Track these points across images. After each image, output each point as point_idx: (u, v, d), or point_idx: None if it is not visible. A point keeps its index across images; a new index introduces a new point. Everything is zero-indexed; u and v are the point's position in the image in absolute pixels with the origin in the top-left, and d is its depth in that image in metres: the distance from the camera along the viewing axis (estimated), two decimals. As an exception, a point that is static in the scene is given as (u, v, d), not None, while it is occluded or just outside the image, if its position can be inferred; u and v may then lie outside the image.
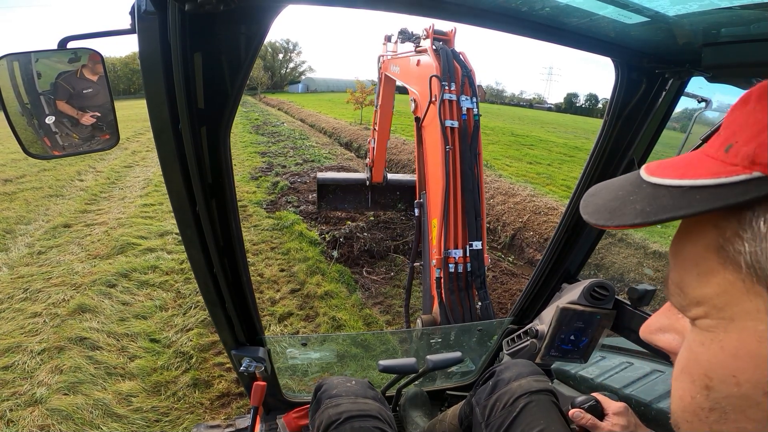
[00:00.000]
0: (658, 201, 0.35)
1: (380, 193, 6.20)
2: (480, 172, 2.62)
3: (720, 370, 0.35)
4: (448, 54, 2.70)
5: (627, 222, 0.36)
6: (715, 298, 0.35)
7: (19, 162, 10.73)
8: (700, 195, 0.33)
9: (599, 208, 0.41)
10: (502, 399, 1.34)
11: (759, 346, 0.31)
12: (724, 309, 0.34)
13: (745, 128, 0.33)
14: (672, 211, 0.34)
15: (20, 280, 4.82)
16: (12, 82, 0.77)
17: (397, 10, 0.93)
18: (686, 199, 0.33)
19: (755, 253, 0.31)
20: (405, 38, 3.57)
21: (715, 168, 0.33)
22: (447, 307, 2.46)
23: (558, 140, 21.36)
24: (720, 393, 0.35)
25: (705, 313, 0.36)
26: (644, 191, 0.38)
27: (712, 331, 0.35)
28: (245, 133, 17.58)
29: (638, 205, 0.37)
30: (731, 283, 0.33)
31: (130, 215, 7.07)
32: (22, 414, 2.93)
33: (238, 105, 0.94)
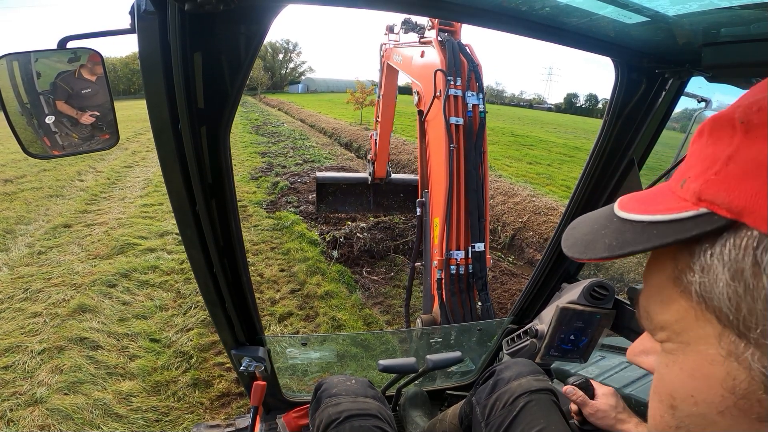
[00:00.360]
0: (624, 236, 0.38)
1: (383, 195, 5.92)
2: (485, 172, 2.55)
3: (681, 390, 0.37)
4: (454, 47, 2.56)
5: (597, 255, 0.39)
6: (674, 324, 0.37)
7: (19, 162, 10.73)
8: (657, 230, 0.35)
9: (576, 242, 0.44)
10: (502, 398, 1.34)
11: (711, 369, 0.34)
12: (682, 334, 0.37)
13: (697, 163, 0.35)
14: (633, 246, 0.36)
15: (20, 280, 4.82)
16: (12, 81, 0.77)
17: (397, 9, 0.93)
18: (645, 234, 0.36)
19: (704, 283, 0.33)
20: (409, 28, 3.43)
21: (671, 203, 0.36)
22: (447, 308, 2.43)
23: (558, 140, 21.35)
24: (683, 412, 0.37)
25: (668, 337, 0.39)
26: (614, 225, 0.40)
27: (674, 354, 0.38)
28: (245, 134, 17.57)
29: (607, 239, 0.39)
30: (686, 310, 0.36)
31: (131, 215, 7.07)
32: (22, 414, 2.93)
33: (238, 105, 0.94)
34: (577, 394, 1.25)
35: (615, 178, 1.46)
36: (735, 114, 0.32)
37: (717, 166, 0.33)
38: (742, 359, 0.31)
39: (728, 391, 0.33)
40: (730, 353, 0.32)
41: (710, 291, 0.33)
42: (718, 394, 0.34)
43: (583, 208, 1.55)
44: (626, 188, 1.45)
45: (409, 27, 3.42)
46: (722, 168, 0.32)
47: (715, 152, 0.33)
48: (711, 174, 0.33)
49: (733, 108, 0.33)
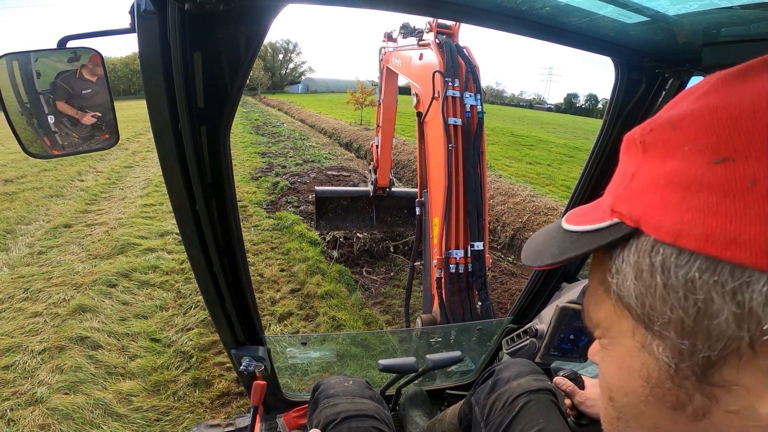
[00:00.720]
0: (564, 244, 0.42)
1: (386, 211, 5.57)
2: (483, 172, 2.57)
3: (614, 382, 0.41)
4: (452, 48, 2.58)
5: (545, 262, 0.43)
6: (604, 321, 0.41)
7: (20, 162, 10.73)
8: (586, 239, 0.40)
9: (531, 252, 0.48)
10: (502, 398, 1.34)
11: (631, 360, 0.38)
12: (610, 330, 0.41)
13: (615, 179, 0.40)
14: (569, 253, 0.41)
15: (21, 279, 4.82)
16: (12, 81, 0.77)
17: (397, 9, 0.93)
18: (578, 243, 0.40)
19: (618, 283, 0.37)
20: (407, 33, 3.45)
21: (598, 215, 0.40)
22: (447, 308, 2.43)
23: (558, 140, 21.36)
24: (618, 402, 0.41)
25: (602, 334, 0.43)
26: (559, 236, 0.44)
27: (607, 348, 0.42)
28: (245, 134, 17.57)
29: (552, 249, 0.44)
30: (611, 308, 0.40)
31: (131, 215, 7.07)
32: (22, 413, 2.93)
33: (238, 105, 0.94)
34: (567, 383, 1.29)
35: (615, 178, 1.46)
36: (636, 134, 0.37)
37: (626, 182, 0.37)
38: (651, 350, 0.35)
39: (644, 380, 0.36)
40: (642, 345, 0.36)
41: (622, 289, 0.37)
42: (638, 384, 0.37)
43: (583, 208, 1.54)
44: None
45: (407, 32, 3.43)
46: (629, 183, 0.37)
47: (626, 169, 0.38)
48: (621, 188, 0.37)
49: (637, 128, 0.38)
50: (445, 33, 2.77)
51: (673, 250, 0.32)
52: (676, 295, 0.32)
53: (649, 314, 0.34)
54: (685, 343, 0.32)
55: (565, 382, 1.29)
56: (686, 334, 0.32)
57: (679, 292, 0.32)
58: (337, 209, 5.47)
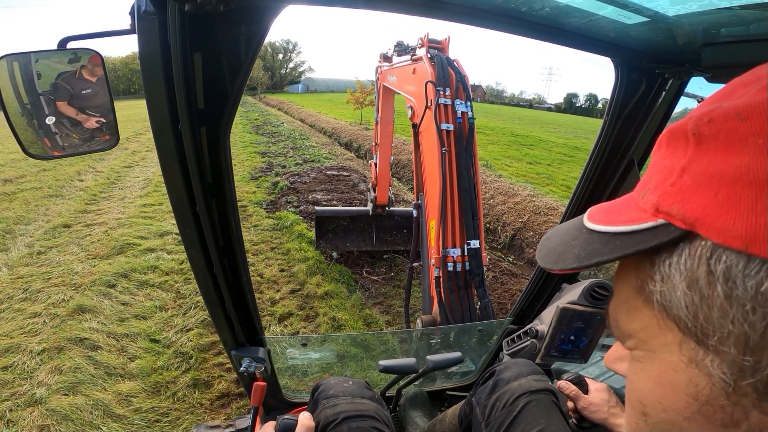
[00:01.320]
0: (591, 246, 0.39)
1: (386, 231, 5.70)
2: (476, 173, 2.69)
3: (650, 397, 0.38)
4: (443, 61, 2.79)
5: (568, 266, 0.40)
6: (640, 332, 0.38)
7: (19, 162, 10.73)
8: (620, 241, 0.36)
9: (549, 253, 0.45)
10: (502, 398, 1.34)
11: (675, 376, 0.35)
12: (648, 342, 0.38)
13: (655, 175, 0.37)
14: (599, 257, 0.37)
15: (20, 280, 4.81)
16: (12, 82, 0.77)
17: (397, 10, 0.93)
18: (610, 245, 0.37)
19: (663, 292, 0.34)
20: (401, 51, 3.68)
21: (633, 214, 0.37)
22: (446, 307, 2.48)
23: (558, 140, 21.38)
24: (653, 418, 0.38)
25: (635, 345, 0.40)
26: (583, 236, 0.41)
27: (642, 361, 0.39)
28: (245, 133, 17.57)
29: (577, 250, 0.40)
30: (649, 318, 0.36)
31: (130, 215, 7.07)
32: (21, 414, 2.93)
33: (238, 105, 0.94)
34: (570, 388, 1.28)
35: (615, 179, 1.46)
36: (687, 125, 0.33)
37: (672, 178, 0.34)
38: (702, 366, 0.32)
39: (692, 397, 0.34)
40: (691, 360, 0.33)
41: (669, 300, 0.34)
42: (683, 400, 0.34)
43: (582, 209, 1.54)
44: (626, 188, 1.45)
45: (401, 50, 3.68)
46: (677, 180, 0.33)
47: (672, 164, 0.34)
48: (667, 185, 0.34)
49: (686, 119, 0.34)
50: (435, 47, 3.01)
51: (741, 257, 0.28)
52: (741, 308, 0.29)
53: (703, 327, 0.31)
54: (748, 359, 0.29)
55: (569, 386, 1.29)
56: (750, 350, 0.29)
57: (747, 305, 0.28)
58: (336, 229, 5.54)
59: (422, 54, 2.97)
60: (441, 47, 3.06)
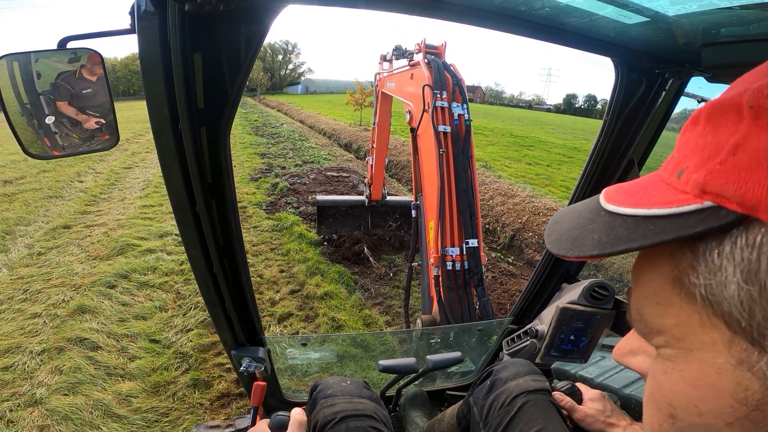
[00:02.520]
0: (614, 231, 0.35)
1: (380, 216, 6.36)
2: (473, 174, 2.74)
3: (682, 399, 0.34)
4: (439, 65, 2.88)
5: (586, 253, 0.36)
6: (674, 329, 0.34)
7: (19, 163, 10.73)
8: (654, 226, 0.32)
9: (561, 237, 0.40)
10: (500, 398, 1.33)
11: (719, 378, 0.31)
12: (683, 339, 0.33)
13: (696, 152, 0.32)
14: (627, 243, 0.33)
15: (20, 281, 4.82)
16: (12, 82, 0.77)
17: (397, 10, 0.93)
18: (640, 230, 0.32)
19: (710, 286, 0.30)
20: (399, 55, 3.78)
21: (668, 196, 0.32)
22: (446, 306, 2.51)
23: (557, 141, 21.38)
24: (684, 422, 0.34)
25: (665, 342, 0.35)
26: (602, 219, 0.37)
27: (673, 360, 0.35)
28: (245, 135, 17.58)
29: (596, 235, 0.36)
30: (688, 314, 0.32)
31: (130, 216, 7.07)
32: (21, 414, 2.93)
33: (238, 105, 0.94)
34: (565, 400, 1.27)
35: (615, 179, 1.46)
36: (742, 99, 0.29)
37: (721, 156, 0.29)
38: (757, 369, 0.29)
39: (739, 402, 0.30)
40: (741, 362, 0.29)
41: (718, 294, 0.29)
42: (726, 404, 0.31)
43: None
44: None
45: (399, 54, 3.79)
46: (728, 157, 0.29)
47: (717, 140, 0.30)
48: (715, 164, 0.29)
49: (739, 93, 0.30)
50: (432, 53, 3.10)
51: None
52: None
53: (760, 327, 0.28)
54: None
55: (564, 398, 1.28)
56: None
57: None
58: (336, 216, 6.25)
59: (419, 59, 3.05)
60: (438, 52, 3.15)
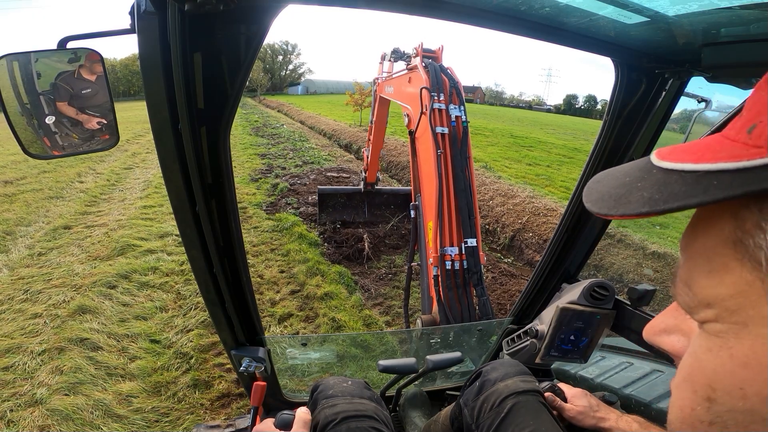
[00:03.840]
0: (669, 188, 0.31)
1: (376, 206, 6.88)
2: (471, 174, 2.78)
3: (726, 380, 0.31)
4: (436, 69, 2.94)
5: (632, 211, 0.32)
6: (728, 300, 0.31)
7: (20, 164, 10.74)
8: (718, 180, 0.28)
9: (603, 196, 0.36)
10: (489, 400, 1.32)
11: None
12: (738, 312, 0.30)
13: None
14: (684, 199, 0.29)
15: (21, 281, 4.82)
16: (12, 81, 0.77)
17: (397, 10, 0.93)
18: (701, 186, 0.29)
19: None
20: (397, 57, 3.91)
21: (736, 151, 0.29)
22: (446, 305, 2.53)
23: (557, 141, 21.37)
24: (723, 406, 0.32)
25: (715, 316, 0.32)
26: (654, 177, 0.33)
27: (722, 336, 0.32)
28: (245, 135, 17.59)
29: (646, 193, 0.32)
30: (748, 283, 0.29)
31: (130, 217, 7.08)
32: (22, 414, 2.93)
33: (238, 105, 0.94)
34: (555, 399, 1.29)
35: (615, 179, 1.46)
36: None
37: None
38: None
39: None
40: None
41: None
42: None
43: (583, 209, 1.54)
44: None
45: (397, 56, 3.93)
46: None
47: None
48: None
49: None
50: (430, 56, 3.22)
51: None
52: None
53: None
54: None
55: (555, 399, 1.30)
56: None
57: None
58: (336, 205, 6.76)
59: (417, 63, 3.11)
60: (435, 56, 3.25)
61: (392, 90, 4.02)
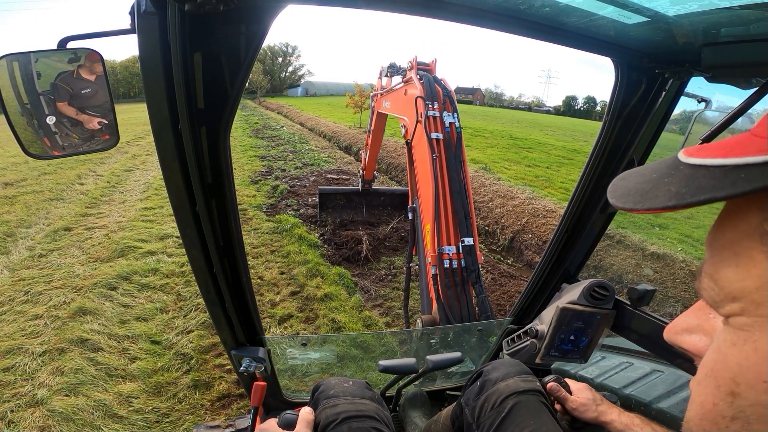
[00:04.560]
0: (697, 182, 0.32)
1: (374, 207, 7.17)
2: (466, 177, 2.89)
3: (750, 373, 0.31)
4: (430, 80, 3.13)
5: (659, 204, 0.33)
6: (754, 293, 0.31)
7: (20, 166, 10.74)
8: (746, 173, 0.29)
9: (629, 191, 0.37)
10: (490, 399, 1.33)
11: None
12: (764, 305, 0.30)
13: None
14: (711, 192, 0.30)
15: (21, 282, 4.82)
16: (12, 82, 0.77)
17: (397, 10, 0.93)
18: (729, 179, 0.29)
19: None
20: (393, 72, 4.12)
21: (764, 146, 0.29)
22: (445, 304, 2.57)
23: (556, 143, 21.37)
24: (746, 400, 0.32)
25: (741, 310, 0.33)
26: (681, 173, 0.34)
27: (747, 330, 0.32)
28: (245, 137, 17.59)
29: (673, 187, 0.33)
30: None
31: (131, 219, 7.08)
32: (23, 415, 2.93)
33: (238, 105, 0.94)
34: (561, 390, 1.29)
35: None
36: None
37: None
38: None
39: None
40: None
41: None
42: None
43: (583, 209, 1.55)
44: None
45: (393, 71, 4.15)
46: None
47: None
48: None
49: None
50: (424, 69, 3.47)
51: None
52: None
53: None
54: None
55: (560, 389, 1.31)
56: None
57: None
58: (336, 206, 7.04)
59: (412, 75, 3.30)
60: (429, 68, 3.48)
61: (389, 105, 4.22)
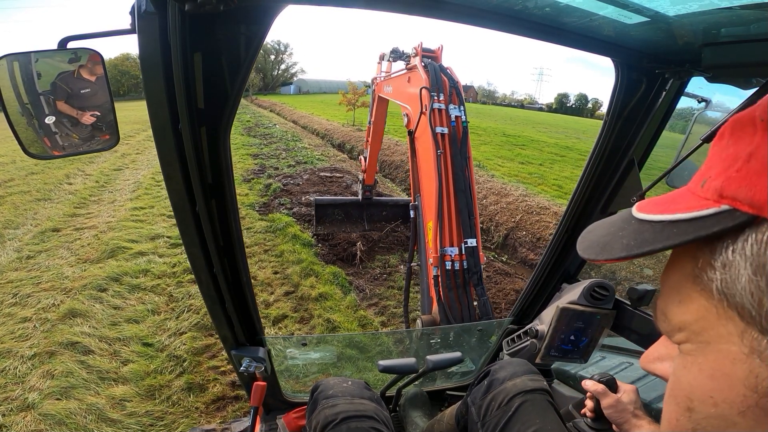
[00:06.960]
0: (642, 235, 0.38)
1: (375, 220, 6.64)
2: (471, 174, 2.76)
3: (699, 391, 0.37)
4: (436, 69, 2.90)
5: (614, 255, 0.39)
6: (693, 324, 0.37)
7: (6, 166, 10.58)
8: (677, 229, 0.35)
9: (592, 244, 0.44)
10: (497, 398, 1.34)
11: (732, 367, 0.33)
12: (702, 333, 0.36)
13: (717, 163, 0.36)
14: (652, 245, 0.36)
15: (9, 285, 4.75)
16: (12, 82, 0.76)
17: (397, 10, 0.93)
18: (665, 233, 0.36)
19: (725, 280, 0.33)
20: (396, 57, 3.84)
21: (692, 202, 0.36)
22: (446, 305, 2.52)
23: (549, 140, 21.50)
24: (700, 414, 0.37)
25: (686, 338, 0.38)
26: (632, 227, 0.40)
27: (693, 354, 0.38)
28: (237, 135, 17.47)
29: (625, 240, 0.39)
30: (706, 309, 0.35)
31: (121, 219, 6.99)
32: (14, 419, 2.89)
33: (238, 105, 0.93)
34: (598, 386, 1.24)
35: (615, 179, 1.47)
36: (756, 113, 0.33)
37: (738, 164, 0.33)
38: (765, 356, 0.31)
39: (750, 389, 0.32)
40: (752, 350, 0.32)
41: (732, 287, 0.32)
42: (739, 393, 0.33)
43: (583, 209, 1.55)
44: (626, 189, 1.45)
45: (396, 56, 3.83)
46: (743, 165, 0.32)
47: (736, 152, 0.34)
48: (732, 172, 0.33)
49: (754, 108, 0.33)
50: (429, 56, 3.15)
51: None
52: None
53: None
54: None
55: (596, 385, 1.24)
56: None
57: None
58: (334, 219, 6.49)
59: (416, 62, 3.08)
60: (434, 56, 3.19)
61: (391, 90, 4.01)
